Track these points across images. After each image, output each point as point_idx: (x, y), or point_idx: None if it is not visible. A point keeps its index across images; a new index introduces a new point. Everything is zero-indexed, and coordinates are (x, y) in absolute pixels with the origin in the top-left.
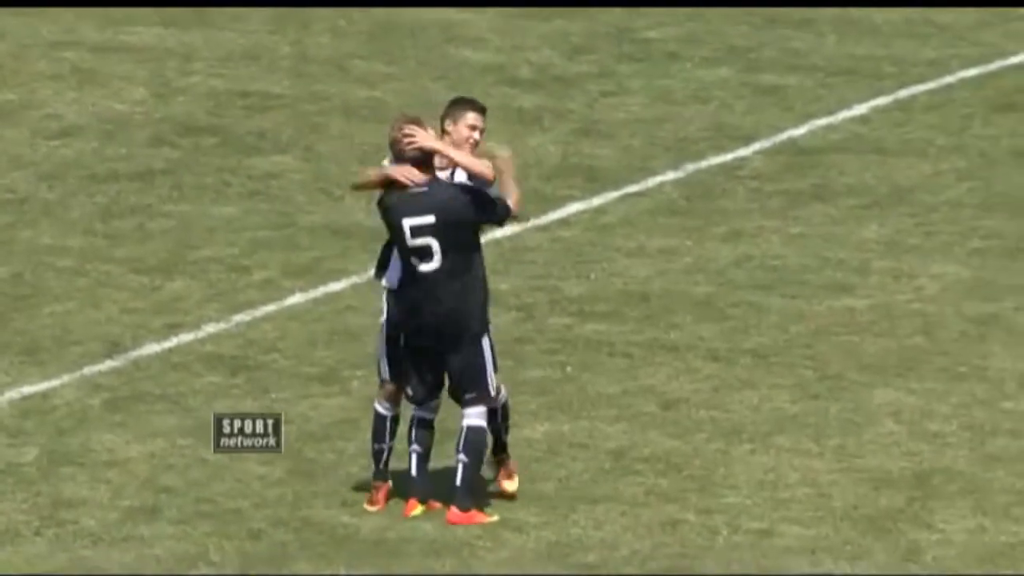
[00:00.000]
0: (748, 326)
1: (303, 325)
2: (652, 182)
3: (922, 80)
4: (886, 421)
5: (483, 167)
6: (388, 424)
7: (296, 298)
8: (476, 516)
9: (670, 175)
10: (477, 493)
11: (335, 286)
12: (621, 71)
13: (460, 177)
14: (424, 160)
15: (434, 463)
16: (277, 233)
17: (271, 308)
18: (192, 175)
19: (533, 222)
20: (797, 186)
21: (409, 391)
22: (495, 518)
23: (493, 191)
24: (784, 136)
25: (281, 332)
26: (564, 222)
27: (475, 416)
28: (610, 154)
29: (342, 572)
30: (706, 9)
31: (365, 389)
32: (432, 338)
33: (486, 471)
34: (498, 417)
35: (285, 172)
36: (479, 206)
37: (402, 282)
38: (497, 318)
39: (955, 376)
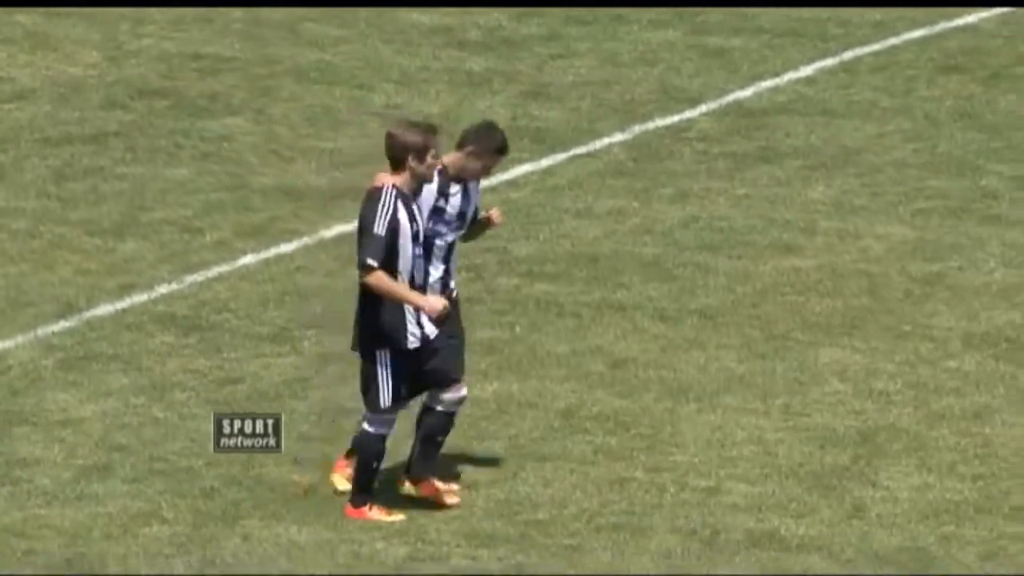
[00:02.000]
0: (695, 286)
1: (255, 285)
2: (600, 144)
3: (867, 42)
4: (832, 380)
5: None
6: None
7: (248, 259)
8: (366, 512)
9: (617, 137)
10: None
11: (286, 247)
12: (569, 34)
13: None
14: (398, 161)
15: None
16: (229, 195)
17: (223, 269)
18: (145, 138)
19: (483, 183)
20: (743, 148)
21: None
22: (394, 518)
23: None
24: (730, 98)
25: (233, 292)
26: (513, 184)
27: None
28: (558, 116)
29: (293, 530)
30: None
31: (316, 349)
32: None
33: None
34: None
35: (237, 134)
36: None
37: None
38: None
39: (900, 335)
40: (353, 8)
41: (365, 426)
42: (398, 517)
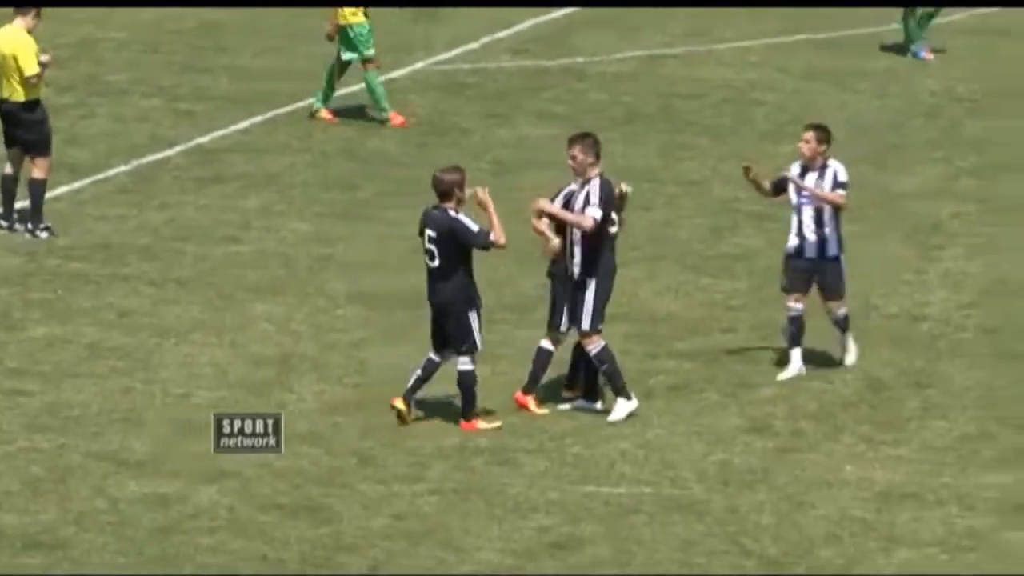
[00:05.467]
0: (173, 264)
1: None
2: (112, 172)
3: (285, 105)
4: (262, 323)
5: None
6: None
7: None
8: (476, 425)
9: (123, 168)
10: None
11: None
12: (92, 102)
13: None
14: (446, 194)
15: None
16: None
17: None
18: None
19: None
20: (203, 174)
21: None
22: (495, 424)
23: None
24: (195, 142)
25: None
26: (56, 199)
27: (463, 363)
28: (86, 156)
29: None
30: (142, 59)
31: None
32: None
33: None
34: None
35: None
36: (459, 232)
37: None
38: (10, 261)
39: (306, 294)
40: None
41: (468, 367)
42: (497, 424)
